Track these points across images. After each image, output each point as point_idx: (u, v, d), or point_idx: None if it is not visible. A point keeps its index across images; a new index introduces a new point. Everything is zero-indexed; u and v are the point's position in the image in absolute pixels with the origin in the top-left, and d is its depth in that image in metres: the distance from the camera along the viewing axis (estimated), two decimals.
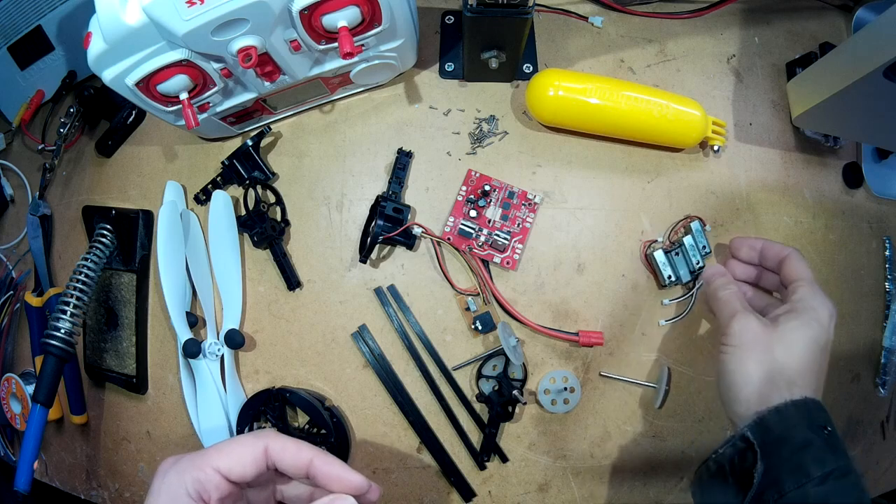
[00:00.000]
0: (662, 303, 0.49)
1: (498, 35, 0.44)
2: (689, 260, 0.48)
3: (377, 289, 0.49)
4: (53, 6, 0.54)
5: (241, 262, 0.50)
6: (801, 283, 0.40)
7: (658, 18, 0.53)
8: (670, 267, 0.48)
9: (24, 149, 0.61)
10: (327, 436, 0.46)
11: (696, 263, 0.48)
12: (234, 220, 0.49)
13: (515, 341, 0.47)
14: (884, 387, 0.53)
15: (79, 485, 0.54)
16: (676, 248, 0.48)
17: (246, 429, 0.47)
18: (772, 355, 0.37)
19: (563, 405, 0.47)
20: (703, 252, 0.48)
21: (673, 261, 0.48)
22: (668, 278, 0.48)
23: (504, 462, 0.48)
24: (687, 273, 0.48)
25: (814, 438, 0.34)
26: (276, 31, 0.38)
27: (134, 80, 0.38)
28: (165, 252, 0.47)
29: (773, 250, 0.44)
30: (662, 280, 0.48)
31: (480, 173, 0.50)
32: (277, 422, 0.47)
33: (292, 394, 0.47)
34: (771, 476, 0.33)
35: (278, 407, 0.47)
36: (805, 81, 0.50)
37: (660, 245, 0.49)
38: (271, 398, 0.47)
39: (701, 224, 0.49)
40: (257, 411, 0.47)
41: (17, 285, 0.58)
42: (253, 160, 0.49)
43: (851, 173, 0.53)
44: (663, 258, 0.48)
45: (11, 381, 0.53)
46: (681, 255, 0.48)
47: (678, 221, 0.50)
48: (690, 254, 0.48)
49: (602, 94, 0.46)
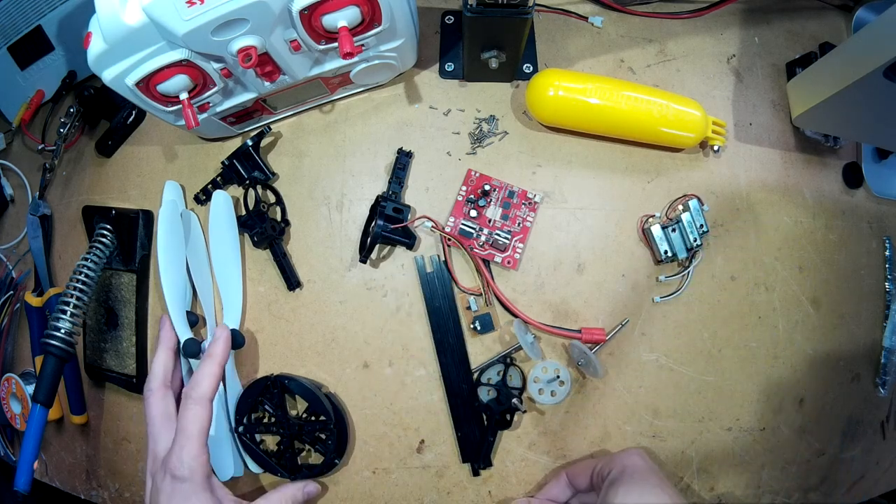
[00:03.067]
0: (658, 279, 0.49)
1: (498, 35, 0.44)
2: (687, 237, 0.48)
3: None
4: (53, 6, 0.54)
5: (242, 262, 0.50)
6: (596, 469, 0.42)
7: (658, 18, 0.53)
8: (667, 242, 0.48)
9: (24, 149, 0.61)
10: (327, 422, 0.46)
11: (694, 241, 0.48)
12: (234, 220, 0.49)
13: (532, 338, 0.47)
14: (884, 387, 0.53)
15: (79, 485, 0.54)
16: (674, 223, 0.48)
17: (244, 419, 0.47)
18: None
19: (551, 397, 0.47)
20: (700, 231, 0.48)
21: (669, 237, 0.48)
22: (664, 253, 0.48)
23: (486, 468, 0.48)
24: (683, 250, 0.48)
25: None
26: (276, 31, 0.38)
27: (134, 80, 0.38)
28: (166, 252, 0.47)
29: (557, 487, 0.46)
30: (659, 255, 0.48)
31: (480, 173, 0.50)
32: (276, 410, 0.47)
33: (291, 380, 0.47)
34: None
35: (277, 394, 0.47)
36: (805, 81, 0.50)
37: (657, 220, 0.49)
38: (270, 385, 0.47)
39: (699, 203, 0.49)
40: (255, 400, 0.47)
41: (17, 285, 0.58)
42: (253, 160, 0.49)
43: (851, 173, 0.54)
44: (660, 233, 0.48)
45: (11, 381, 0.53)
46: (678, 232, 0.48)
47: (676, 199, 0.50)
48: (688, 230, 0.48)
49: (602, 94, 0.46)
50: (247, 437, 0.47)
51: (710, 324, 0.50)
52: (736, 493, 0.50)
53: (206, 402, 0.41)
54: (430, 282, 0.48)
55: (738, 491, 0.50)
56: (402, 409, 0.49)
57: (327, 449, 0.46)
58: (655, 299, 0.49)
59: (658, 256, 0.48)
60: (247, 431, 0.47)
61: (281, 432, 0.47)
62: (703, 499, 0.50)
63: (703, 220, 0.48)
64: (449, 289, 0.48)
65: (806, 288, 0.51)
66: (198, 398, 0.41)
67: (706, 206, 0.49)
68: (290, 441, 0.47)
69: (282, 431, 0.47)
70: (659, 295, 0.49)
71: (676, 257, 0.48)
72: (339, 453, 0.47)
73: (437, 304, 0.48)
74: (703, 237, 0.48)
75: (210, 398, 0.41)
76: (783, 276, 0.51)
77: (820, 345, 0.51)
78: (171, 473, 0.39)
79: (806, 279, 0.51)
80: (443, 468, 0.48)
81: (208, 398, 0.41)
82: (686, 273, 0.49)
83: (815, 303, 0.51)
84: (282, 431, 0.47)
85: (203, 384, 0.41)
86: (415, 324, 0.49)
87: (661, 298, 0.49)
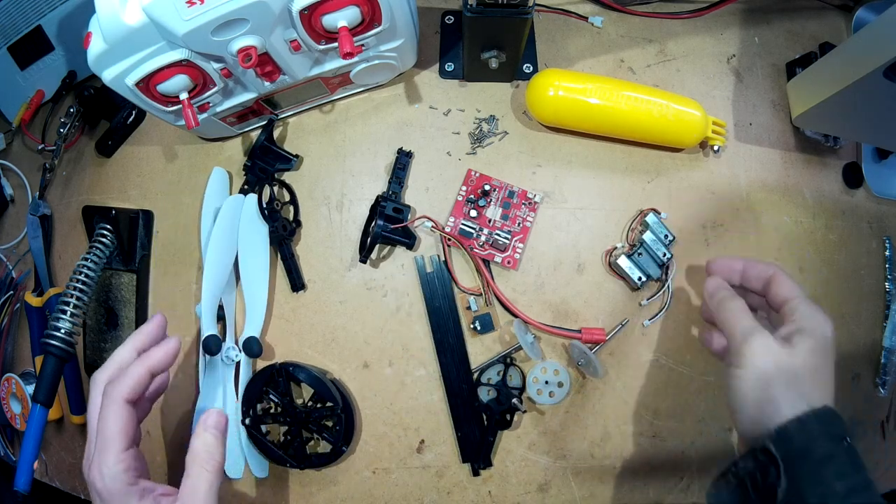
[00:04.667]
0: (640, 304, 0.49)
1: (498, 35, 0.44)
2: (655, 254, 0.47)
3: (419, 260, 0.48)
4: (53, 6, 0.54)
5: (271, 270, 0.49)
6: (798, 301, 0.38)
7: (658, 18, 0.53)
8: (637, 269, 0.47)
9: (24, 149, 0.61)
10: (334, 408, 0.46)
11: (663, 255, 0.48)
12: (265, 226, 0.49)
13: (532, 338, 0.47)
14: (884, 387, 0.53)
15: (79, 485, 0.54)
16: (638, 248, 0.48)
17: (251, 411, 0.47)
18: (794, 378, 0.35)
19: (549, 398, 0.47)
20: (666, 242, 0.48)
21: (638, 262, 0.47)
22: (638, 280, 0.47)
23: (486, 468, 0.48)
24: (656, 269, 0.48)
25: (835, 451, 0.33)
26: (276, 31, 0.38)
27: (134, 80, 0.38)
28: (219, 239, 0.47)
29: (755, 269, 0.42)
30: (634, 284, 0.48)
31: (480, 173, 0.50)
32: (282, 398, 0.47)
33: (296, 367, 0.47)
34: (794, 491, 0.32)
35: (283, 383, 0.47)
36: (805, 81, 0.50)
37: (621, 250, 0.49)
38: (275, 374, 0.47)
39: (656, 214, 0.48)
40: (261, 390, 0.47)
41: (17, 285, 0.58)
42: (272, 152, 0.49)
43: (851, 173, 0.54)
44: (628, 263, 0.47)
45: (11, 381, 0.53)
46: (644, 254, 0.48)
47: (633, 219, 0.49)
48: (654, 248, 0.47)
49: (602, 94, 0.46)
50: (254, 430, 0.47)
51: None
52: None
53: (121, 402, 0.35)
54: (430, 282, 0.48)
55: None
56: (402, 409, 0.49)
57: (335, 436, 0.46)
58: (645, 323, 0.49)
59: (633, 285, 0.48)
60: (253, 423, 0.47)
61: (288, 421, 0.47)
62: (703, 499, 0.49)
63: (666, 229, 0.48)
64: (449, 289, 0.48)
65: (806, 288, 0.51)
66: (114, 397, 0.35)
67: (664, 213, 0.49)
68: (297, 430, 0.47)
69: (289, 420, 0.47)
70: (647, 318, 0.49)
71: (651, 278, 0.48)
72: (347, 440, 0.47)
73: (437, 304, 0.48)
74: (670, 246, 0.48)
75: (126, 398, 0.35)
76: None
77: None
78: (93, 487, 0.35)
79: (806, 279, 0.51)
80: (443, 468, 0.48)
81: (124, 398, 0.35)
82: (666, 288, 0.49)
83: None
84: (289, 420, 0.47)
85: (121, 383, 0.36)
86: (415, 324, 0.49)
87: (651, 321, 0.49)
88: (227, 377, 0.48)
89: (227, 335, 0.49)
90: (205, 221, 0.50)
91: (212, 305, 0.47)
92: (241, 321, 0.49)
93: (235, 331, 0.49)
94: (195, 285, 0.51)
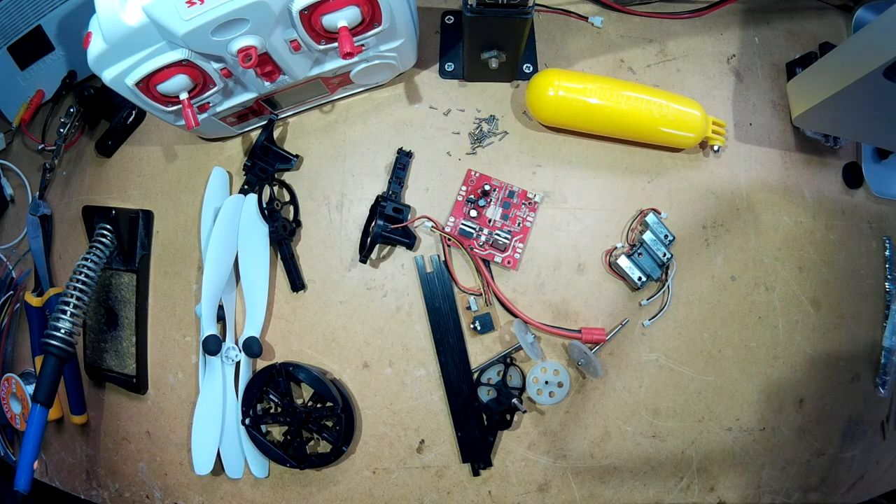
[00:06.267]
0: (640, 304, 0.49)
1: (498, 35, 0.44)
2: (655, 254, 0.48)
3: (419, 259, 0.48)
4: (53, 6, 0.54)
5: (271, 270, 0.49)
6: None
7: (658, 18, 0.53)
8: (637, 269, 0.48)
9: (24, 149, 0.61)
10: (334, 408, 0.46)
11: (663, 255, 0.48)
12: (265, 226, 0.49)
13: (532, 338, 0.47)
14: (884, 387, 0.53)
15: (79, 485, 0.54)
16: (638, 248, 0.48)
17: (250, 411, 0.47)
18: None
19: (549, 398, 0.47)
20: (666, 242, 0.48)
21: (638, 262, 0.48)
22: (638, 280, 0.47)
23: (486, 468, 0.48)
24: (656, 268, 0.48)
25: None
26: (276, 31, 0.38)
27: (134, 80, 0.38)
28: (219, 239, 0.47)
29: None
30: (634, 284, 0.48)
31: (480, 173, 0.50)
32: (283, 398, 0.47)
33: (296, 367, 0.47)
34: None
35: (283, 382, 0.47)
36: (805, 81, 0.50)
37: (621, 250, 0.49)
38: (275, 374, 0.47)
39: (656, 214, 0.49)
40: (261, 390, 0.47)
41: (17, 285, 0.58)
42: (272, 152, 0.50)
43: (851, 173, 0.54)
44: (628, 263, 0.47)
45: (11, 381, 0.53)
46: (644, 254, 0.48)
47: (633, 219, 0.49)
48: (654, 248, 0.47)
49: (602, 94, 0.46)
50: (254, 430, 0.47)
51: (709, 324, 0.50)
52: (736, 493, 0.50)
53: None
54: (430, 282, 0.48)
55: (738, 491, 0.50)
56: (402, 409, 0.49)
57: (335, 436, 0.46)
58: (645, 323, 0.49)
59: (634, 285, 0.48)
60: (253, 423, 0.47)
61: (288, 421, 0.47)
62: (703, 499, 0.50)
63: (666, 229, 0.48)
64: (449, 289, 0.48)
65: (806, 288, 0.51)
66: None
67: (664, 213, 0.49)
68: (297, 430, 0.47)
69: (289, 420, 0.47)
70: (647, 318, 0.49)
71: (651, 279, 0.48)
72: (347, 441, 0.47)
73: (437, 304, 0.48)
74: (670, 246, 0.48)
75: None
76: (783, 276, 0.51)
77: (820, 345, 0.51)
78: None
79: (806, 279, 0.51)
80: (443, 468, 0.48)
81: None
82: (666, 288, 0.49)
83: (814, 303, 0.51)
84: (289, 420, 0.47)
85: None
86: (415, 324, 0.49)
87: (651, 321, 0.49)
88: (227, 377, 0.48)
89: (227, 335, 0.49)
90: (205, 221, 0.50)
91: (212, 305, 0.47)
92: (241, 321, 0.49)
93: (235, 331, 0.49)
94: (195, 285, 0.51)
